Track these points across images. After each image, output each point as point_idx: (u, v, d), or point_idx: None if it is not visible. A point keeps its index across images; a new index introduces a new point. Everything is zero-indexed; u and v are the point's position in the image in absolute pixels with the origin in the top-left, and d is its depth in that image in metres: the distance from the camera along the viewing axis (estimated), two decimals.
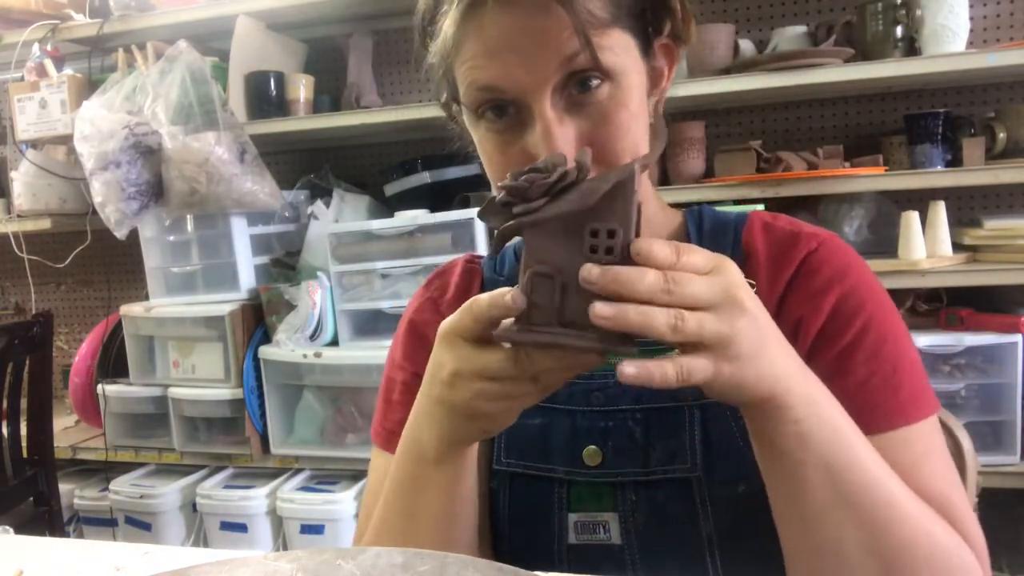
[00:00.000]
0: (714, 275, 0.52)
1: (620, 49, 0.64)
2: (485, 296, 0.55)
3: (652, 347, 0.55)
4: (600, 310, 0.50)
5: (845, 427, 0.58)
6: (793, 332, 0.70)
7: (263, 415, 2.06)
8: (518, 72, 0.62)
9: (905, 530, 0.59)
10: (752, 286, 0.72)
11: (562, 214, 0.53)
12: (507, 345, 0.56)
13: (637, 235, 0.52)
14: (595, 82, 0.63)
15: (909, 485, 0.62)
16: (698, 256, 0.53)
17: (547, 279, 0.53)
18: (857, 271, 0.72)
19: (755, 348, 0.53)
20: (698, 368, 0.51)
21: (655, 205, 0.78)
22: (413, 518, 0.67)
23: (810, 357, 0.69)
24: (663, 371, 0.50)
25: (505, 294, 0.53)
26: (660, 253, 0.51)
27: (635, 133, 0.66)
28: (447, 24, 0.65)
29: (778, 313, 0.72)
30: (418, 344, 0.82)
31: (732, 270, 0.53)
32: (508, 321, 0.55)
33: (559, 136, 0.62)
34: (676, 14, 0.69)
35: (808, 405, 0.56)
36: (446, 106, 0.75)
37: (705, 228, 0.78)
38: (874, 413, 0.66)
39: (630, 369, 0.50)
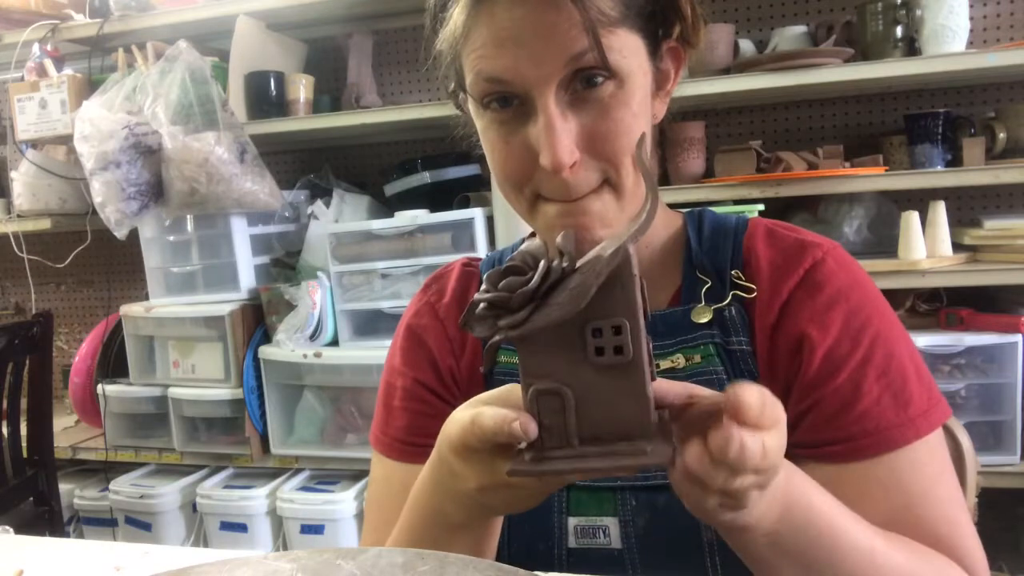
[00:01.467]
0: (778, 433, 0.48)
1: (627, 50, 0.64)
2: (489, 418, 0.49)
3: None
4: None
5: (821, 519, 0.56)
6: (796, 345, 0.70)
7: (263, 415, 2.06)
8: (524, 65, 0.62)
9: None
10: (751, 291, 0.73)
11: (554, 322, 0.45)
12: None
13: (645, 318, 0.46)
14: (600, 79, 0.63)
15: (918, 513, 0.65)
16: (778, 411, 0.48)
17: (554, 396, 0.47)
18: (862, 285, 0.72)
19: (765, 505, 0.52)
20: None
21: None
22: None
23: (820, 378, 0.69)
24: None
25: (510, 420, 0.47)
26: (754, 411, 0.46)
27: (635, 132, 0.66)
28: (458, 11, 0.65)
29: (779, 322, 0.72)
30: (417, 349, 0.82)
31: (784, 428, 0.49)
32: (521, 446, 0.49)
33: (560, 131, 0.62)
34: (686, 18, 0.70)
35: (781, 518, 0.54)
36: (452, 94, 0.75)
37: (705, 232, 0.78)
38: (888, 433, 0.66)
39: (694, 456, 0.47)
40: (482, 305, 0.48)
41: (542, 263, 0.47)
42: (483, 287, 0.49)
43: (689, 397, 0.51)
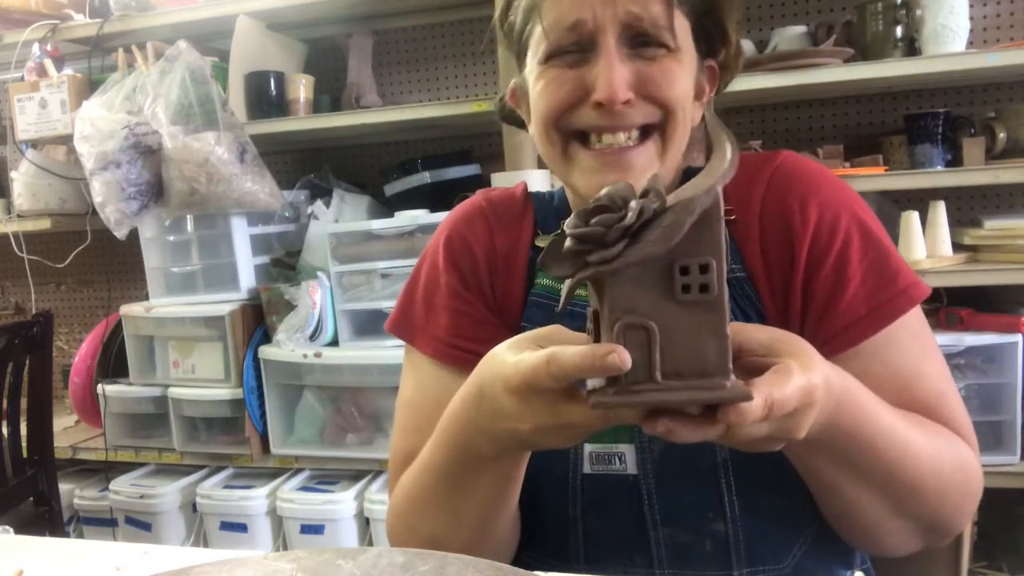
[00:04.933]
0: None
1: (682, 29, 0.70)
2: (570, 355, 0.49)
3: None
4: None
5: (867, 422, 0.61)
6: (786, 247, 0.74)
7: (263, 415, 2.06)
8: (597, 3, 0.67)
9: (916, 478, 0.65)
10: (730, 212, 0.76)
11: (647, 257, 0.46)
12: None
13: (727, 260, 0.48)
14: (655, 45, 0.68)
15: (914, 392, 0.70)
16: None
17: (640, 331, 0.48)
18: (826, 176, 0.76)
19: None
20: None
21: None
22: (458, 514, 0.69)
23: (809, 273, 0.73)
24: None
25: (602, 354, 0.47)
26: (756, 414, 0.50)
27: (685, 85, 0.70)
28: None
29: (762, 234, 0.75)
30: (463, 253, 0.83)
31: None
32: (596, 381, 0.50)
33: (618, 69, 0.67)
34: (731, 44, 0.76)
35: (824, 428, 0.58)
36: (518, 57, 0.78)
37: (689, 174, 0.82)
38: (882, 308, 0.70)
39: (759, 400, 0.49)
40: (570, 241, 0.48)
41: (634, 201, 0.47)
42: (571, 222, 0.49)
43: (738, 350, 0.54)
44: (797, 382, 0.51)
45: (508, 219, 0.84)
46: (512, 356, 0.55)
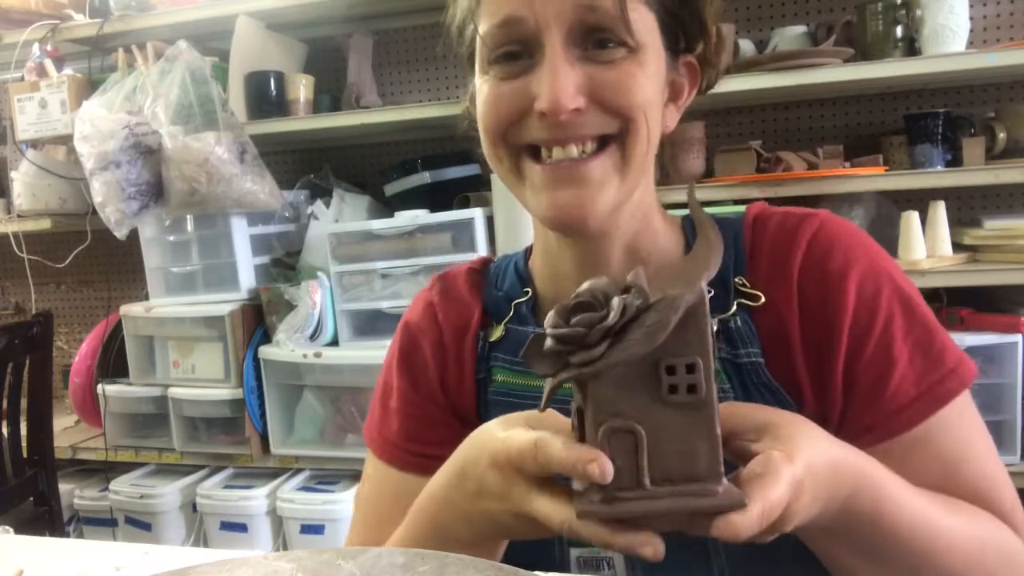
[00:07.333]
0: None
1: (644, 25, 0.62)
2: (557, 449, 0.47)
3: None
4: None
5: (877, 507, 0.56)
6: (826, 325, 0.67)
7: (263, 415, 2.06)
8: (538, 1, 0.60)
9: (948, 570, 0.59)
10: (757, 299, 0.68)
11: (631, 358, 0.45)
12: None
13: (714, 358, 0.47)
14: (612, 43, 0.61)
15: (960, 476, 0.64)
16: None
17: (626, 435, 0.46)
18: (865, 245, 0.70)
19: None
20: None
21: (659, 219, 0.75)
22: None
23: (852, 353, 0.66)
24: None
25: (586, 461, 0.45)
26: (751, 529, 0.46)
27: (648, 95, 0.63)
28: None
29: (803, 305, 0.68)
30: (413, 352, 0.80)
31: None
32: (581, 486, 0.48)
33: (564, 73, 0.60)
34: (710, 38, 0.69)
35: (838, 514, 0.54)
36: (468, 60, 0.73)
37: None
38: (932, 392, 0.65)
39: (754, 515, 0.45)
40: (550, 341, 0.47)
41: (616, 299, 0.46)
42: (551, 321, 0.47)
43: (729, 434, 0.51)
44: (785, 477, 0.47)
45: (456, 306, 0.79)
46: (501, 432, 0.53)
